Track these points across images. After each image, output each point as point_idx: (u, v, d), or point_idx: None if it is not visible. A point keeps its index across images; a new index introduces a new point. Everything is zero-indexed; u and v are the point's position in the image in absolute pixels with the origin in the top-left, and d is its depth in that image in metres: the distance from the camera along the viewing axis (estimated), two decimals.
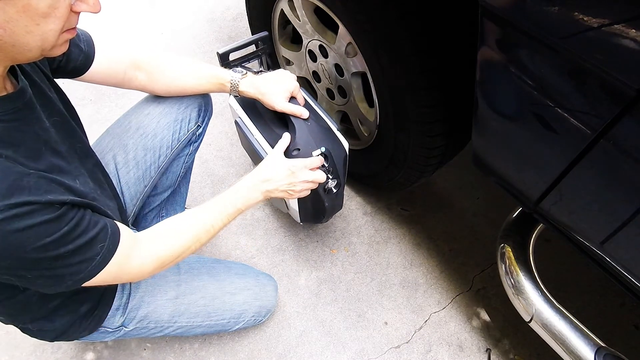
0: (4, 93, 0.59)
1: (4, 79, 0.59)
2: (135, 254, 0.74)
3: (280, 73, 1.05)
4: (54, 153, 0.66)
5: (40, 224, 0.57)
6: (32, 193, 0.56)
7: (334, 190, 1.04)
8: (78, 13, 0.57)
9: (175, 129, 1.03)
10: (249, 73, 1.03)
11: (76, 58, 0.84)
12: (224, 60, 1.17)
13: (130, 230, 0.75)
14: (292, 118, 1.01)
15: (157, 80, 0.98)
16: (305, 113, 1.01)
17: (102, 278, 0.68)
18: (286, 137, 0.98)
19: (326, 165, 1.00)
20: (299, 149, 0.99)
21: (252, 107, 1.10)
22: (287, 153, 1.00)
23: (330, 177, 1.02)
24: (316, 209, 1.13)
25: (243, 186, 0.90)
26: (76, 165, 0.72)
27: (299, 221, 1.24)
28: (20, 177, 0.56)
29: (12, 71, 0.63)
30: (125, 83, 0.95)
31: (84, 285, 0.68)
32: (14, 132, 0.59)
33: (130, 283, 0.96)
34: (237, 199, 0.88)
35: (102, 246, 0.67)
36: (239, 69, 1.04)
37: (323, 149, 1.00)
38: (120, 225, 0.72)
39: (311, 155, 0.98)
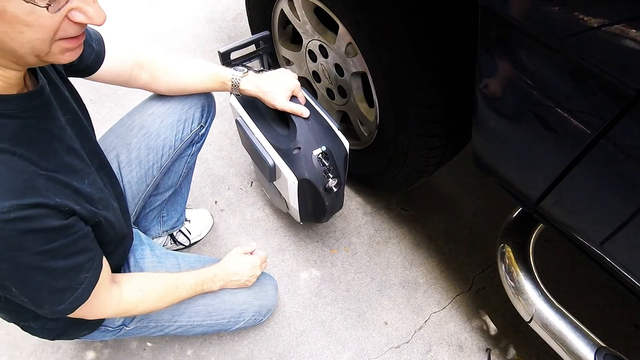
0: (25, 90, 0.60)
1: (25, 76, 0.60)
2: (105, 294, 0.76)
3: (281, 72, 1.05)
4: (68, 151, 0.67)
5: (45, 229, 0.58)
6: (43, 194, 0.57)
7: (335, 190, 1.04)
8: (78, 23, 0.54)
9: (179, 129, 1.03)
10: (250, 72, 1.04)
11: (88, 57, 0.85)
12: (225, 59, 1.17)
13: (109, 269, 0.78)
14: (292, 117, 1.01)
15: (159, 79, 0.98)
16: (306, 112, 1.01)
17: (76, 313, 0.71)
18: (250, 246, 1.13)
19: (327, 164, 1.01)
20: (299, 148, 0.99)
21: (253, 106, 1.10)
22: (289, 152, 1.00)
23: (331, 176, 1.02)
24: (317, 209, 1.14)
25: (216, 275, 1.01)
26: (88, 162, 0.73)
27: (299, 221, 1.24)
28: (34, 177, 0.57)
29: (32, 69, 0.64)
30: (131, 82, 0.96)
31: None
32: (30, 130, 0.59)
33: None
34: (205, 282, 0.99)
35: (86, 277, 0.68)
36: (240, 67, 1.04)
37: (324, 148, 1.00)
38: (104, 261, 0.75)
39: (312, 154, 0.99)
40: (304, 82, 1.46)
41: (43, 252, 0.59)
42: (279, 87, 1.00)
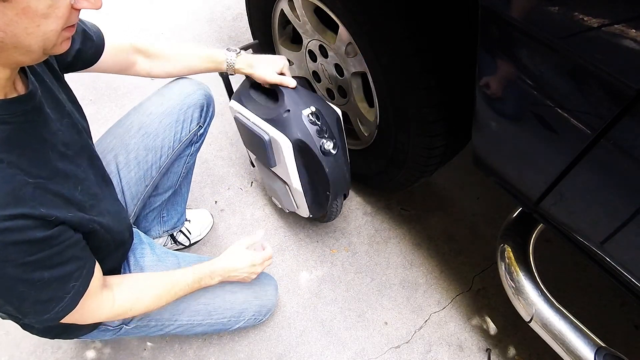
0: (15, 95, 0.59)
1: (14, 80, 0.59)
2: (95, 301, 0.75)
3: (271, 55, 1.11)
4: (61, 156, 0.66)
5: (28, 241, 0.57)
6: (28, 204, 0.56)
7: (333, 152, 1.03)
8: (78, 10, 0.56)
9: (177, 129, 1.04)
10: (242, 52, 1.08)
11: (88, 51, 0.86)
12: None
13: (101, 275, 0.77)
14: (281, 88, 1.04)
15: (157, 63, 1.00)
16: (292, 82, 1.05)
17: (66, 319, 0.70)
18: (256, 235, 1.08)
19: (319, 123, 1.02)
20: (288, 110, 1.01)
21: (249, 97, 1.11)
22: (279, 117, 1.01)
23: (326, 136, 1.03)
24: (319, 182, 1.10)
25: (214, 272, 0.97)
26: (84, 168, 0.72)
27: (307, 214, 1.22)
28: (20, 187, 0.56)
29: (22, 71, 0.63)
30: (129, 69, 0.98)
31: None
32: (21, 136, 0.59)
33: None
34: (202, 278, 0.95)
35: (74, 285, 0.67)
36: (233, 48, 1.08)
37: (313, 108, 1.02)
38: (96, 267, 0.74)
39: (301, 114, 1.01)
40: (304, 82, 1.46)
41: (26, 264, 0.58)
42: (269, 64, 1.06)
